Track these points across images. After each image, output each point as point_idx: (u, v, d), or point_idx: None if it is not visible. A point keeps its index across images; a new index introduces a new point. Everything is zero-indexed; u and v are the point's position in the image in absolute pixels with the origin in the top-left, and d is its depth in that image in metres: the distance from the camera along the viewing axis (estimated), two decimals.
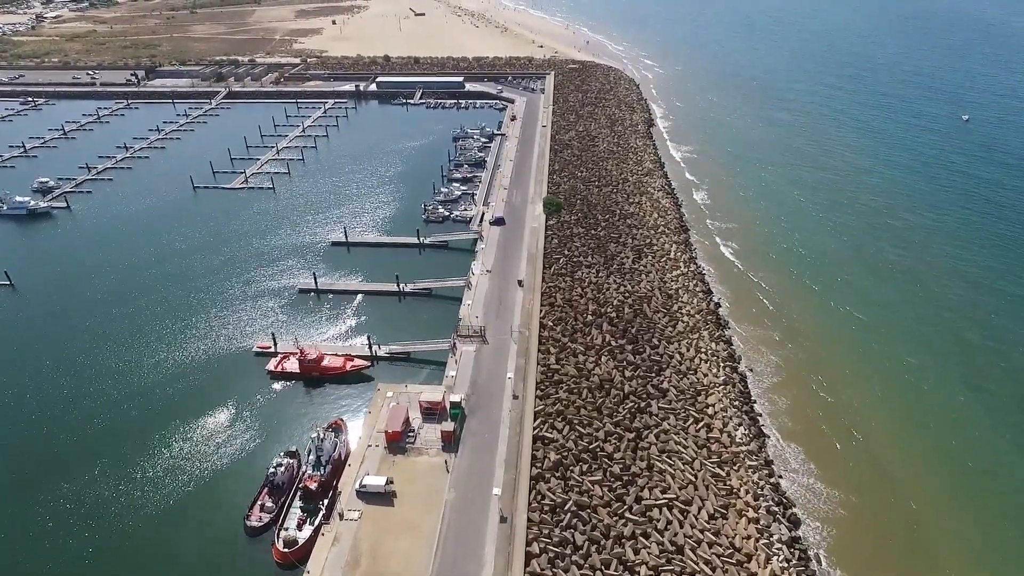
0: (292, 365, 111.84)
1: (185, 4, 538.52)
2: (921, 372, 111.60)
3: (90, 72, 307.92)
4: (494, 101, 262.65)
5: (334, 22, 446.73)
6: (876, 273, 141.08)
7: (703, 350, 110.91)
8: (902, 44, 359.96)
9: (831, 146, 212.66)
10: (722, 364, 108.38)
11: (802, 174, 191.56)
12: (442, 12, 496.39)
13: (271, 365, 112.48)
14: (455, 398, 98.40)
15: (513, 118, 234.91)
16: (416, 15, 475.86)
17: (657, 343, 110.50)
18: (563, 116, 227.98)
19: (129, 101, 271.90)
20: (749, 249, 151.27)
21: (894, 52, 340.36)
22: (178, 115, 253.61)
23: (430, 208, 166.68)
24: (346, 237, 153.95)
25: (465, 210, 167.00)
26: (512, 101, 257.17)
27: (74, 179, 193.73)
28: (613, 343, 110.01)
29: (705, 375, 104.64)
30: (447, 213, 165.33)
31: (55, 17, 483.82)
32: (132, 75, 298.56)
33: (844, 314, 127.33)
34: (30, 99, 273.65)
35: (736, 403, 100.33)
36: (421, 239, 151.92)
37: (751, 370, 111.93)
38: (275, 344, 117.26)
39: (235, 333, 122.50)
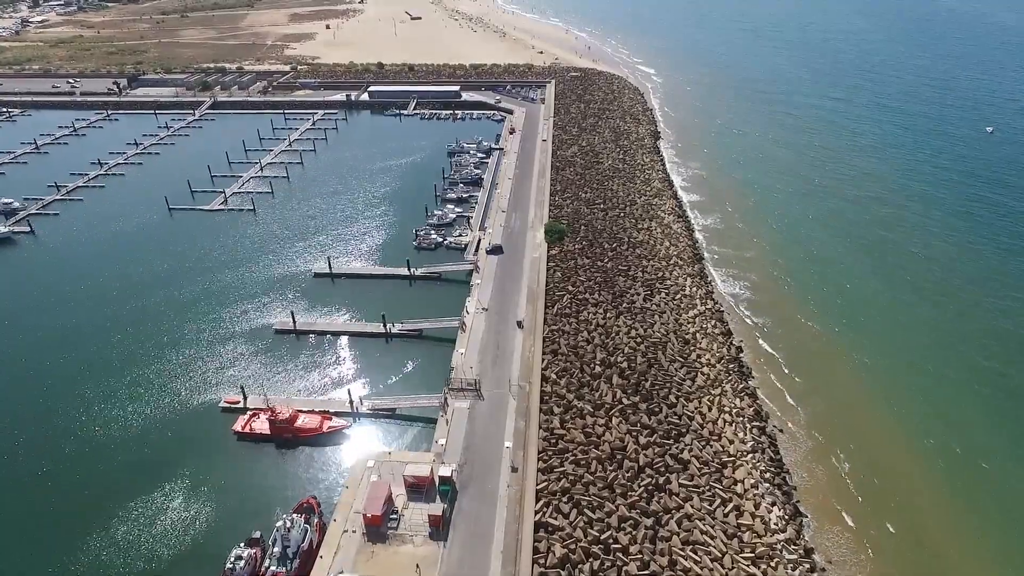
0: (262, 425, 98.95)
1: (176, 8, 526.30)
2: (971, 433, 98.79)
3: (70, 80, 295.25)
4: (492, 112, 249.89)
5: (328, 26, 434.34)
6: (903, 311, 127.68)
7: (726, 408, 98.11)
8: (914, 51, 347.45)
9: (845, 164, 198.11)
10: (748, 426, 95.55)
11: (816, 195, 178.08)
12: (439, 16, 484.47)
13: (238, 424, 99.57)
14: (445, 472, 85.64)
15: (512, 131, 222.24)
16: (412, 19, 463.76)
17: (675, 401, 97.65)
18: (565, 129, 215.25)
19: (109, 112, 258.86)
20: (762, 282, 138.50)
21: (907, 59, 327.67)
22: (159, 127, 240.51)
23: (422, 234, 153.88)
24: (330, 268, 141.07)
25: (460, 235, 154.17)
26: (511, 112, 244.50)
27: (42, 199, 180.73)
28: (625, 400, 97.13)
29: (731, 441, 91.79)
30: (440, 239, 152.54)
31: (41, 22, 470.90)
32: (114, 84, 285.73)
33: (872, 362, 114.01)
34: (4, 110, 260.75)
35: (767, 475, 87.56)
36: (412, 270, 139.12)
37: (780, 431, 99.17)
38: (244, 398, 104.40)
39: (201, 384, 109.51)
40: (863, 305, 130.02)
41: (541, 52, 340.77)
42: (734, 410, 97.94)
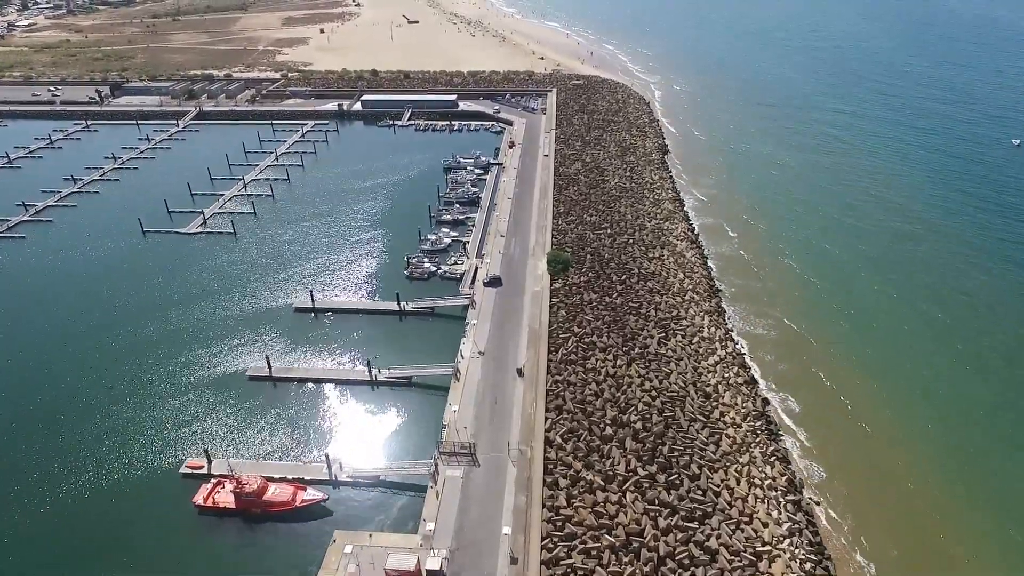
0: (226, 497, 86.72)
1: (168, 11, 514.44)
2: None
3: (51, 88, 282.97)
4: (490, 123, 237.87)
5: (322, 31, 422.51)
6: (936, 352, 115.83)
7: (756, 479, 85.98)
8: (923, 57, 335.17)
9: (859, 187, 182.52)
10: (783, 501, 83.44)
11: (831, 220, 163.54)
12: (437, 19, 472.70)
13: (200, 496, 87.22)
14: (433, 564, 73.59)
15: (511, 144, 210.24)
16: (410, 23, 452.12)
17: (697, 471, 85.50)
18: (567, 143, 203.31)
19: (89, 122, 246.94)
20: (783, 318, 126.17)
21: (917, 67, 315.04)
22: (140, 139, 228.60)
23: (414, 262, 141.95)
24: (312, 302, 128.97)
25: (455, 264, 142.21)
26: (510, 123, 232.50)
27: (7, 220, 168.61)
28: (640, 470, 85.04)
29: (764, 523, 79.60)
30: (434, 268, 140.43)
31: (28, 25, 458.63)
32: (96, 92, 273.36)
33: (907, 409, 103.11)
34: None
35: (807, 566, 75.40)
36: (402, 305, 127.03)
37: (818, 503, 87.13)
38: (209, 463, 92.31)
39: (162, 443, 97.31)
40: (894, 345, 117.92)
41: (542, 58, 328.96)
42: (766, 481, 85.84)
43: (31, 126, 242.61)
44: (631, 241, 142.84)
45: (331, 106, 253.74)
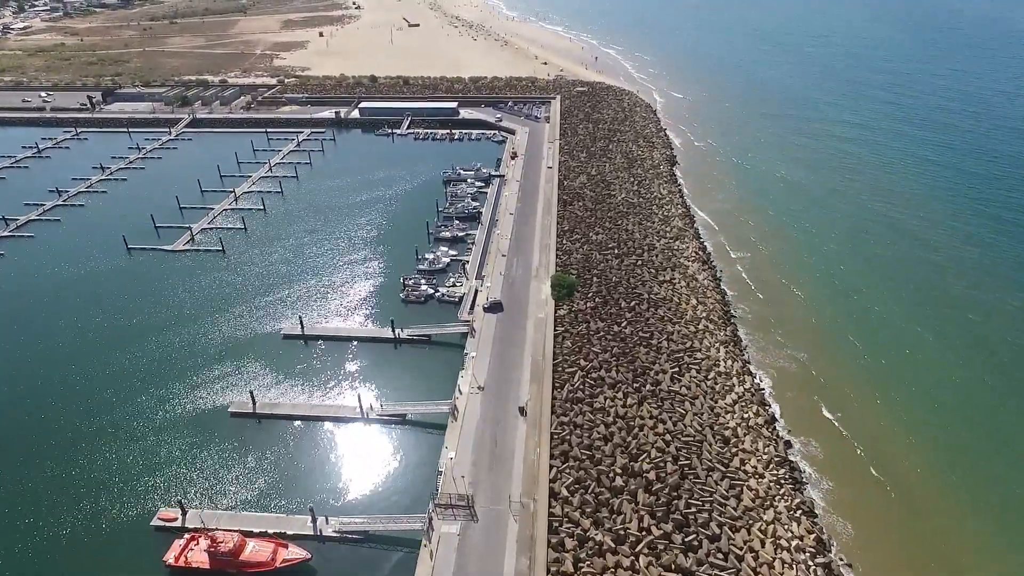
0: (199, 556, 78.99)
1: (166, 14, 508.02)
2: None
3: (42, 94, 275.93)
4: (492, 132, 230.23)
5: (321, 34, 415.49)
6: (981, 388, 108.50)
7: (782, 540, 78.17)
8: (943, 64, 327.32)
9: (877, 205, 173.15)
10: (812, 566, 75.65)
11: (847, 238, 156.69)
12: (438, 23, 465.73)
13: (171, 554, 79.37)
14: None
15: (514, 155, 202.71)
16: (410, 26, 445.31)
17: (717, 531, 77.73)
18: (572, 154, 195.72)
19: (78, 130, 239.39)
20: (803, 348, 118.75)
21: (936, 75, 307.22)
22: (130, 147, 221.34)
23: (410, 284, 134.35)
24: (302, 328, 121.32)
25: (454, 285, 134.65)
26: (512, 132, 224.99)
27: None
28: (655, 529, 77.29)
29: None
30: (431, 291, 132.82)
31: (23, 28, 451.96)
32: (87, 98, 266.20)
33: (952, 456, 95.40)
34: None
35: None
36: (397, 332, 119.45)
37: (849, 565, 79.31)
38: (184, 514, 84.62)
39: (132, 490, 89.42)
40: (917, 378, 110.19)
41: (545, 63, 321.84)
42: (792, 542, 78.01)
43: (19, 134, 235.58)
44: (640, 263, 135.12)
45: (328, 113, 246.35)
